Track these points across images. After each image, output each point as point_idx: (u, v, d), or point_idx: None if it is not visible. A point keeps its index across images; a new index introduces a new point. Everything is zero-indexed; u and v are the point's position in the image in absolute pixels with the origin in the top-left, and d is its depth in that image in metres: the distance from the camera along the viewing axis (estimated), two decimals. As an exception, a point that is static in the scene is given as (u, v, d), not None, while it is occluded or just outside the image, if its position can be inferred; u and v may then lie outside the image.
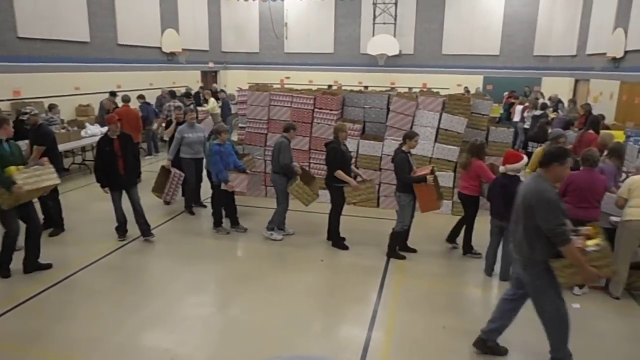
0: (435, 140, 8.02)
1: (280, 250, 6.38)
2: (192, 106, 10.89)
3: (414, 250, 6.28)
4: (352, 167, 6.52)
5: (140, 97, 11.42)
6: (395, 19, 19.92)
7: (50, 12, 12.16)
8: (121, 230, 6.60)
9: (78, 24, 13.20)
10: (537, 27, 19.00)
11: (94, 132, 10.87)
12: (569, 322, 3.71)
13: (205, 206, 7.85)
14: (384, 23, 19.95)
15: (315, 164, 8.43)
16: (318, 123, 8.33)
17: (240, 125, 9.20)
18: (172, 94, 12.68)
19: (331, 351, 4.18)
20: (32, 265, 5.50)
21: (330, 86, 17.66)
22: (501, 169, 5.40)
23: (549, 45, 18.90)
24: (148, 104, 12.06)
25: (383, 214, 7.86)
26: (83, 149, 11.21)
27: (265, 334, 4.42)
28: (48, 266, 5.58)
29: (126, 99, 10.28)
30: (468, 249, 6.24)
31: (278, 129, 8.40)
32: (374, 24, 20.14)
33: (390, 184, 8.13)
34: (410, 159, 6.04)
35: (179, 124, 7.88)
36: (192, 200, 7.85)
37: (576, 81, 17.83)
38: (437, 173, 7.73)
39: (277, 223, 6.70)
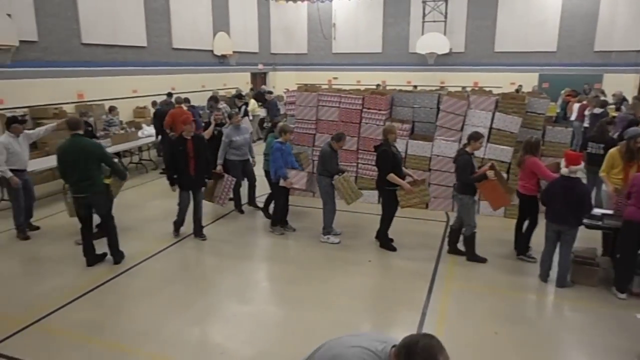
0: (488, 141, 7.77)
1: (328, 251, 6.39)
2: (243, 107, 11.10)
3: (463, 253, 6.12)
4: (405, 169, 6.40)
5: (186, 100, 11.44)
6: (445, 17, 19.50)
7: (111, 20, 12.80)
8: (178, 226, 6.77)
9: (136, 30, 13.82)
10: (598, 20, 17.99)
11: (150, 132, 11.35)
12: None
13: (259, 208, 7.90)
14: (434, 21, 19.58)
15: (363, 164, 8.39)
16: (366, 123, 8.28)
17: (280, 123, 9.31)
18: (214, 99, 12.89)
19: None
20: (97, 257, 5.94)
21: (378, 85, 17.55)
22: (563, 170, 5.12)
23: (611, 40, 17.85)
24: (193, 107, 12.28)
25: (431, 215, 7.71)
26: (140, 149, 11.71)
27: (312, 334, 4.44)
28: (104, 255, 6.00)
29: (179, 101, 10.59)
30: (523, 250, 6.01)
31: (326, 129, 8.45)
32: (423, 22, 19.82)
33: (440, 185, 7.97)
34: (474, 161, 5.85)
35: (217, 125, 8.06)
36: (250, 201, 8.01)
37: (642, 77, 16.76)
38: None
39: (330, 225, 6.65)
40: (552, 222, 5.23)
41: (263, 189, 7.89)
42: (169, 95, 12.56)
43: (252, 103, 14.17)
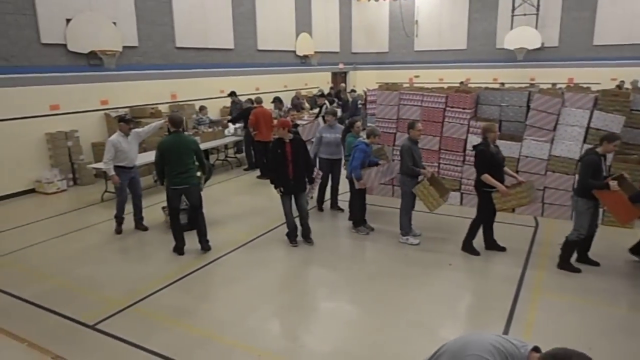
0: (584, 141, 7.21)
1: (407, 252, 6.29)
2: (324, 106, 11.17)
3: (596, 264, 5.67)
4: (507, 169, 6.03)
5: (257, 100, 10.86)
6: (537, 9, 18.33)
7: (202, 24, 13.56)
8: (292, 236, 6.54)
9: (224, 33, 14.51)
10: None
11: (233, 130, 11.79)
12: None
13: (342, 209, 7.94)
14: (524, 14, 18.48)
15: (445, 164, 8.16)
16: (449, 122, 8.03)
17: (368, 124, 9.27)
18: (279, 100, 12.67)
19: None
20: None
21: (461, 83, 16.94)
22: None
23: None
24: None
25: (518, 219, 7.32)
26: (226, 147, 12.28)
27: (389, 335, 4.41)
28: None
29: (259, 100, 10.78)
30: None
31: (406, 128, 8.31)
32: (512, 16, 18.78)
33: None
34: (603, 163, 5.40)
35: (293, 125, 8.23)
36: (332, 204, 8.07)
37: None
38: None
39: (407, 226, 6.53)
40: None
41: (344, 188, 7.95)
42: (233, 94, 12.92)
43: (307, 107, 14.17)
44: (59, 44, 9.85)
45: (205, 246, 6.33)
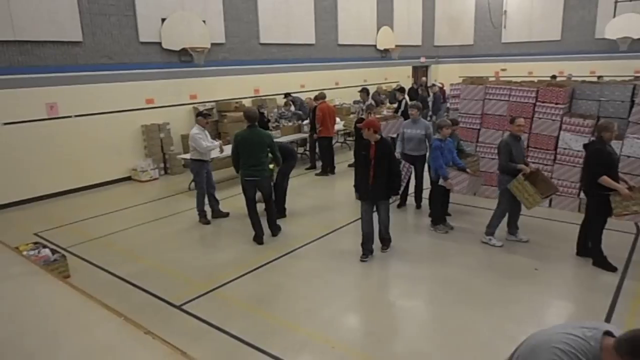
0: (700, 141, 6.44)
1: (489, 254, 6.01)
2: (404, 101, 11.02)
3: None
4: (620, 174, 5.51)
5: (322, 96, 10.48)
6: (646, -6, 16.60)
7: (285, 20, 13.86)
8: (365, 248, 5.93)
9: (306, 29, 14.73)
10: None
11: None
12: None
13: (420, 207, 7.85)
14: (630, 0, 16.81)
15: (534, 163, 7.66)
16: (540, 118, 7.54)
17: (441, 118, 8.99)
18: (366, 92, 12.00)
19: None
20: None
21: (554, 76, 15.82)
22: None
23: None
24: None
25: (615, 225, 6.71)
26: (305, 141, 12.46)
27: (467, 336, 4.25)
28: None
29: (323, 96, 10.45)
30: None
31: (492, 124, 7.96)
32: (615, 2, 17.15)
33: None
34: None
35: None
36: (417, 199, 7.94)
37: None
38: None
39: (494, 226, 6.20)
40: None
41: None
42: (287, 95, 12.76)
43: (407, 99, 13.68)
44: (154, 42, 10.56)
45: (274, 232, 6.69)
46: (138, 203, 8.65)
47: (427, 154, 7.27)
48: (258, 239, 6.50)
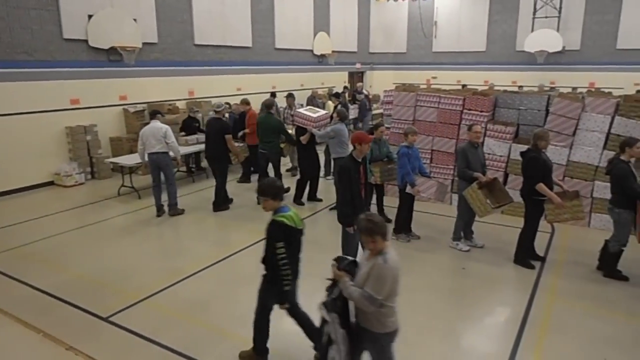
0: (604, 147, 7.08)
1: (452, 258, 6.23)
2: (339, 106, 11.08)
3: (625, 278, 5.52)
4: (555, 178, 5.85)
5: (246, 101, 9.91)
6: (559, 12, 18.04)
7: (221, 22, 13.64)
8: None
9: (242, 31, 14.58)
10: None
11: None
12: None
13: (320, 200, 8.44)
14: (546, 17, 18.20)
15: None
16: (466, 125, 7.95)
17: (385, 125, 9.22)
18: (291, 96, 11.36)
19: (470, 365, 3.98)
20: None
21: (464, 86, 16.69)
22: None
23: None
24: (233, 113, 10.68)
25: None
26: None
27: (400, 337, 4.38)
28: None
29: (247, 101, 9.86)
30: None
31: (423, 130, 8.25)
32: (533, 18, 18.51)
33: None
34: (634, 170, 5.29)
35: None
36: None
37: None
38: (605, 184, 6.90)
39: (458, 231, 6.36)
40: None
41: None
42: (273, 95, 12.60)
43: (329, 105, 12.81)
44: (80, 40, 10.00)
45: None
46: (62, 209, 8.13)
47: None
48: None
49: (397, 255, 3.00)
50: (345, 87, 18.37)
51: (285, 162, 10.48)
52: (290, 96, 10.71)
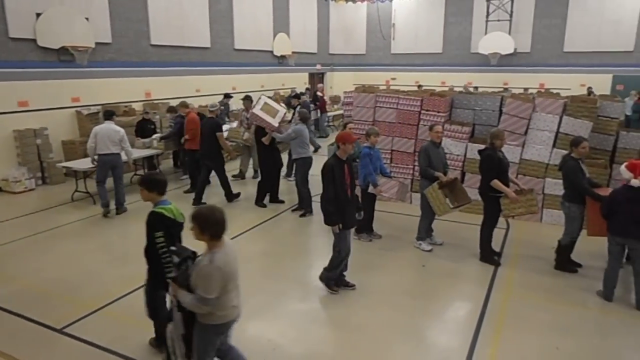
0: (554, 146, 7.41)
1: (415, 256, 6.32)
2: (298, 107, 11.04)
3: (578, 265, 5.81)
4: (511, 176, 6.06)
5: (184, 104, 9.60)
6: (510, 16, 18.75)
7: (178, 22, 13.38)
8: (340, 280, 5.30)
9: (201, 32, 14.36)
10: (682, 18, 16.62)
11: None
12: None
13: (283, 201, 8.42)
14: (498, 20, 18.88)
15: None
16: (425, 125, 8.12)
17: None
18: (250, 99, 10.49)
19: (431, 360, 4.07)
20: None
21: (420, 86, 17.08)
22: (634, 182, 4.73)
23: (697, 39, 16.43)
24: (182, 117, 9.66)
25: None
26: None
27: (362, 334, 4.43)
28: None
29: (186, 104, 9.52)
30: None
31: (382, 131, 8.34)
32: (487, 21, 19.16)
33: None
34: (583, 166, 5.57)
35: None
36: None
37: None
38: (555, 181, 7.22)
39: (423, 231, 6.47)
40: (616, 236, 4.88)
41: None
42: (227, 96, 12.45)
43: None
44: (28, 39, 9.56)
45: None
46: (11, 217, 7.73)
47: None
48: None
49: (232, 253, 3.09)
50: (307, 89, 18.40)
51: (233, 168, 10.39)
52: (247, 99, 10.41)
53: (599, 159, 7.28)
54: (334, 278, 5.22)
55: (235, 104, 13.99)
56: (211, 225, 2.99)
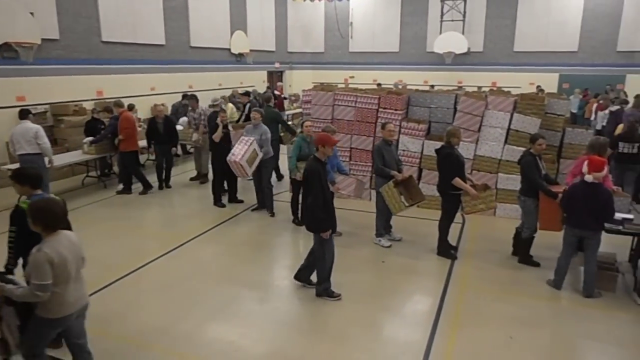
0: (505, 142, 7.68)
1: (369, 253, 6.34)
2: (248, 105, 10.69)
3: (537, 264, 5.93)
4: (467, 174, 6.19)
5: (119, 104, 9.18)
6: (464, 16, 19.30)
7: (131, 18, 12.96)
8: (329, 287, 5.09)
9: (155, 28, 13.96)
10: (621, 20, 17.60)
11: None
12: None
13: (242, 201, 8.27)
14: (452, 20, 19.39)
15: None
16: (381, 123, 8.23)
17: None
18: (195, 98, 10.29)
19: (390, 354, 4.13)
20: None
21: (379, 84, 17.37)
22: (587, 177, 4.96)
23: (635, 40, 17.44)
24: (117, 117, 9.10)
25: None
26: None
27: (324, 332, 4.45)
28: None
29: (120, 104, 9.11)
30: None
31: (341, 129, 8.41)
32: (441, 21, 19.64)
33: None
34: (540, 162, 5.75)
35: (225, 127, 7.92)
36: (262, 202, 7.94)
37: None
38: (507, 176, 7.49)
39: (380, 227, 6.52)
40: (574, 228, 5.10)
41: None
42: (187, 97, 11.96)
43: (230, 107, 12.13)
44: (-34, 34, 9.02)
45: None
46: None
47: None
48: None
49: (67, 244, 3.16)
50: (267, 87, 18.28)
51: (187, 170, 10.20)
52: (192, 97, 10.07)
53: (547, 154, 7.58)
54: (329, 286, 5.03)
55: (203, 102, 13.52)
56: (43, 217, 3.08)
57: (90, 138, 9.12)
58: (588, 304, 5.00)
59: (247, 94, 11.38)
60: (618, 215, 5.22)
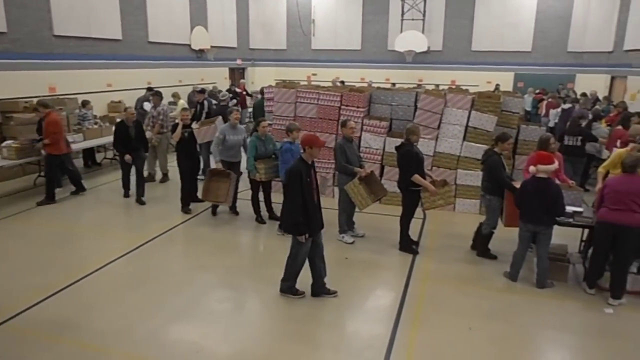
0: (464, 139, 7.89)
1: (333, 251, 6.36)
2: (205, 102, 10.48)
3: (494, 257, 6.11)
4: (426, 170, 6.28)
5: (43, 104, 8.20)
6: (423, 15, 19.67)
7: (85, 11, 12.47)
8: (296, 289, 5.04)
9: (110, 23, 13.50)
10: (571, 22, 18.42)
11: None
12: None
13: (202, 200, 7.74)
14: (412, 19, 19.72)
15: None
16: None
17: (267, 122, 9.19)
18: (158, 94, 10.01)
19: (354, 349, 4.17)
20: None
21: (342, 82, 17.40)
22: (531, 169, 5.19)
23: (583, 41, 18.29)
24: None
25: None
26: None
27: (288, 330, 4.45)
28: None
29: (45, 104, 8.16)
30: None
31: (304, 126, 8.38)
32: (402, 20, 19.94)
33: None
34: (504, 161, 5.88)
35: (185, 126, 7.63)
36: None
37: (612, 78, 17.22)
38: (466, 172, 7.70)
39: (343, 224, 6.54)
40: (527, 223, 5.28)
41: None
42: (151, 91, 11.66)
43: (181, 104, 12.00)
44: None
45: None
46: None
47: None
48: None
49: None
50: (231, 85, 17.99)
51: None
52: (157, 94, 9.75)
53: (503, 150, 7.87)
54: (294, 285, 5.00)
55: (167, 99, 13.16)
56: None
57: (10, 141, 8.49)
58: (542, 294, 5.22)
59: (202, 91, 10.99)
60: (569, 209, 5.46)
